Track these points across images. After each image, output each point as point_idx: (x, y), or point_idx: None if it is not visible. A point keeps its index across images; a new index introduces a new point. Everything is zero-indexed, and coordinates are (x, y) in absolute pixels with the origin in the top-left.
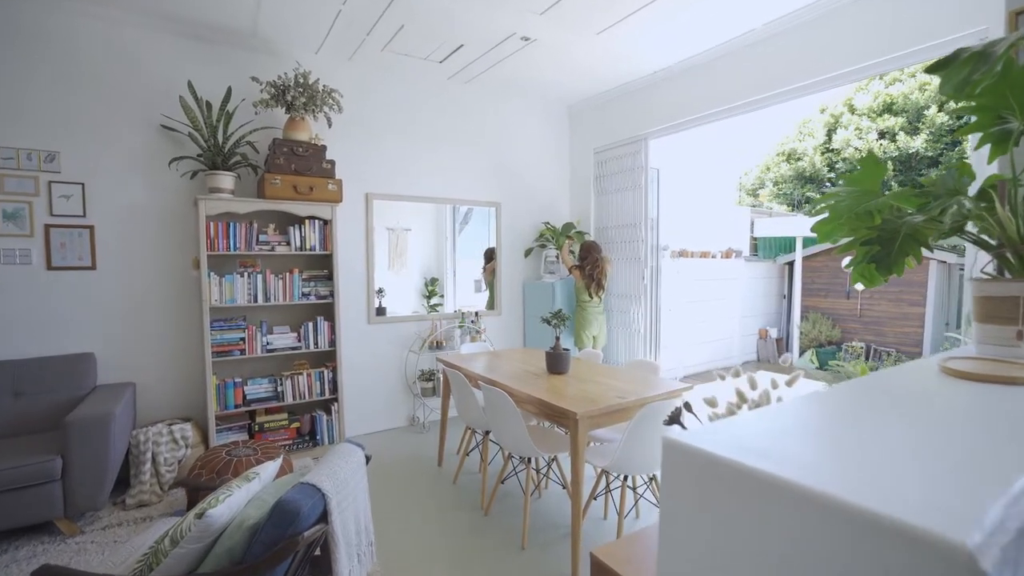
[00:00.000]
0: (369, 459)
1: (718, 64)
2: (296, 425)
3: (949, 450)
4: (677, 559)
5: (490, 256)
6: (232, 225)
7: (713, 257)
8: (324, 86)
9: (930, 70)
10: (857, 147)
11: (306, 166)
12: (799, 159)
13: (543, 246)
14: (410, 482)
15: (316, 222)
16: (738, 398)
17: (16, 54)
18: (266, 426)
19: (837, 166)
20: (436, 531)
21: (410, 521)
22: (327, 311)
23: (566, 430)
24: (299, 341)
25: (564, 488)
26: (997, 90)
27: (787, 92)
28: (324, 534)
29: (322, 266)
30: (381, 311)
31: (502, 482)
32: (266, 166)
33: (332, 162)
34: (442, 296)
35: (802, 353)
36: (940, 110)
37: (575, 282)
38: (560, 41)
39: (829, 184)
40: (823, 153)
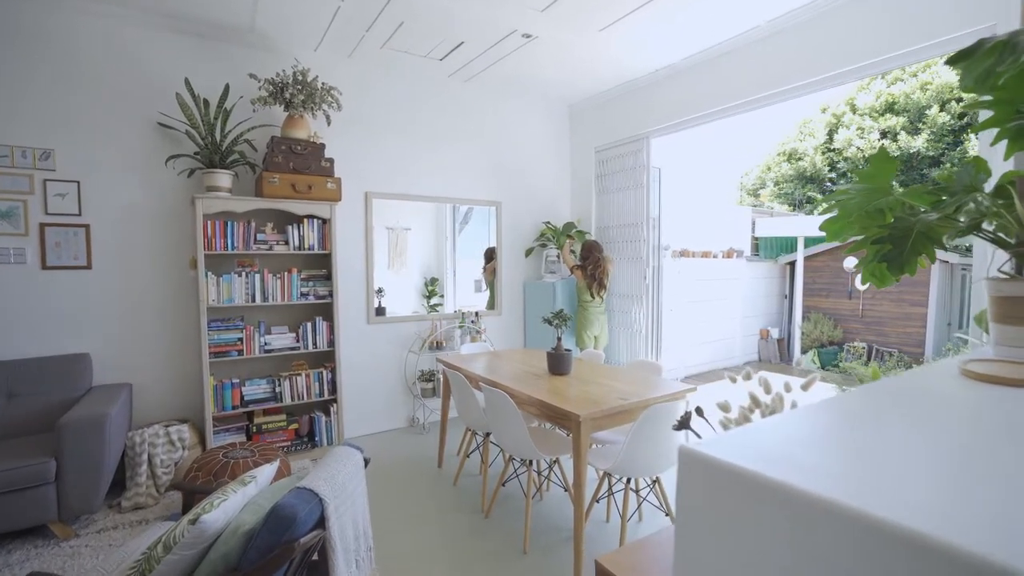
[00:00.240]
0: (368, 462)
1: (721, 62)
2: (294, 426)
3: (977, 460)
4: (694, 573)
5: (490, 256)
6: (230, 224)
7: (714, 257)
8: (323, 83)
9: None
10: (859, 147)
11: (305, 164)
12: (800, 159)
13: (544, 246)
14: (410, 484)
15: (315, 221)
16: (751, 403)
17: (11, 51)
18: (264, 427)
19: (838, 166)
20: (436, 534)
21: (409, 524)
22: (326, 311)
23: (568, 432)
24: (297, 341)
25: (566, 491)
26: (1019, 83)
27: (790, 90)
28: (321, 540)
29: (321, 266)
30: (381, 311)
31: (503, 484)
32: (264, 164)
33: (331, 160)
34: (442, 296)
35: (804, 353)
36: (942, 109)
37: (576, 282)
38: (561, 38)
39: (830, 184)
40: (824, 153)
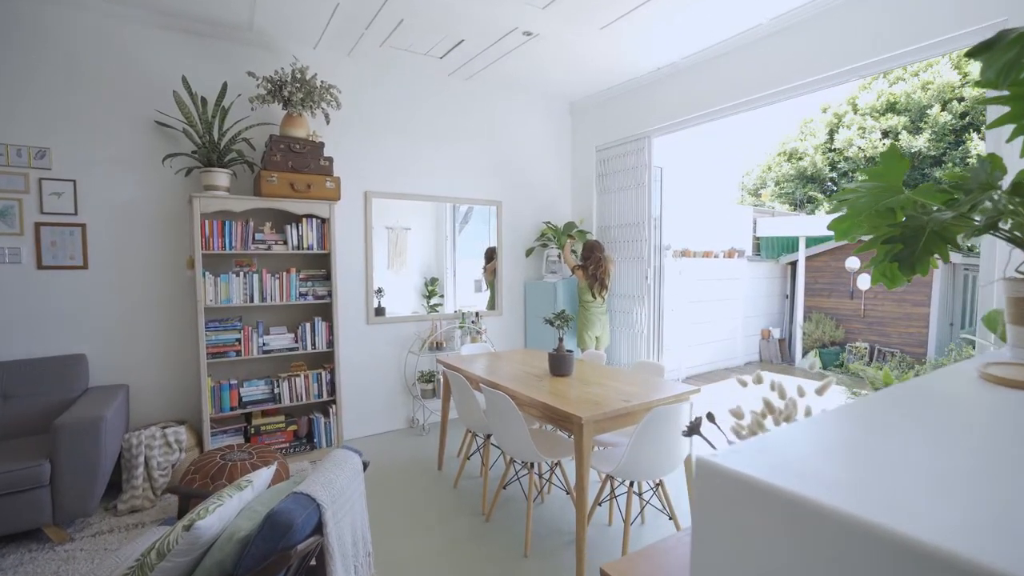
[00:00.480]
0: (367, 465)
1: (724, 60)
2: (293, 428)
3: (1009, 472)
4: None
5: (491, 256)
6: (228, 223)
7: (716, 257)
8: (322, 82)
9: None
10: (860, 146)
11: (303, 163)
12: (801, 159)
13: (544, 245)
14: (409, 486)
15: (314, 220)
16: (765, 409)
17: (7, 48)
18: (262, 429)
19: (839, 166)
20: (436, 538)
21: (409, 527)
22: (325, 311)
23: (569, 434)
24: (296, 342)
25: (567, 493)
26: None
27: (792, 89)
28: (319, 546)
29: (320, 265)
30: (380, 311)
31: (504, 487)
32: (262, 163)
33: (330, 159)
34: (442, 296)
35: (805, 354)
36: (943, 109)
37: (578, 282)
38: (563, 36)
39: (831, 184)
40: (825, 153)
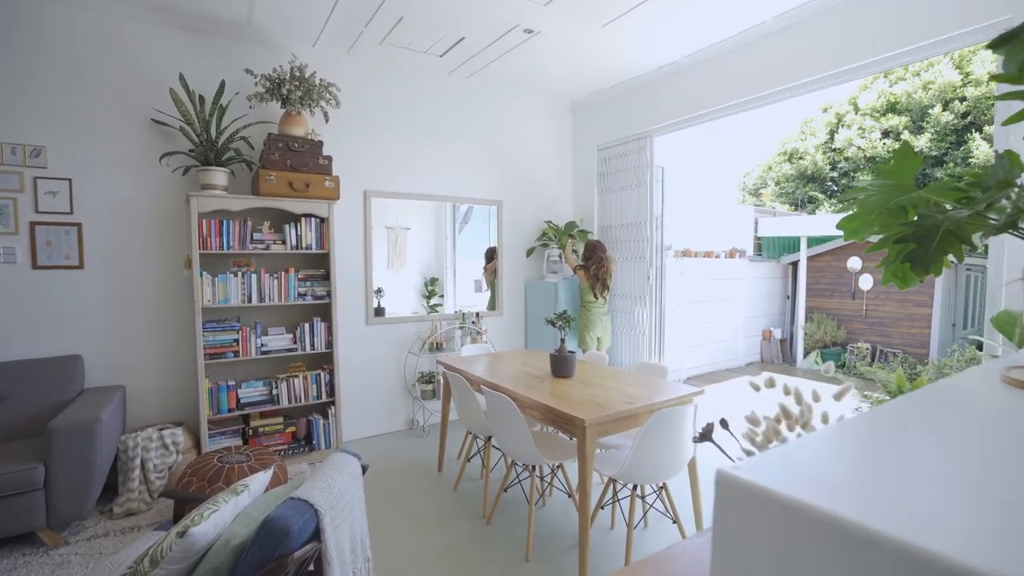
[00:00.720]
0: (365, 469)
1: (726, 58)
2: (292, 429)
3: None
4: None
5: (491, 255)
6: (225, 223)
7: (717, 257)
8: (321, 80)
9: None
10: (859, 146)
11: (302, 162)
12: (801, 158)
13: (545, 245)
14: (409, 489)
15: (312, 220)
16: (782, 415)
17: (1, 46)
18: (260, 431)
19: (839, 165)
20: (436, 542)
21: (409, 531)
22: (324, 312)
23: (571, 436)
24: (295, 343)
25: (569, 496)
26: None
27: (796, 87)
28: (317, 552)
29: (319, 265)
30: (380, 311)
31: (505, 490)
32: (261, 162)
33: (329, 158)
34: (442, 296)
35: (807, 354)
36: (945, 109)
37: (579, 282)
38: (564, 34)
39: (832, 183)
40: (825, 152)
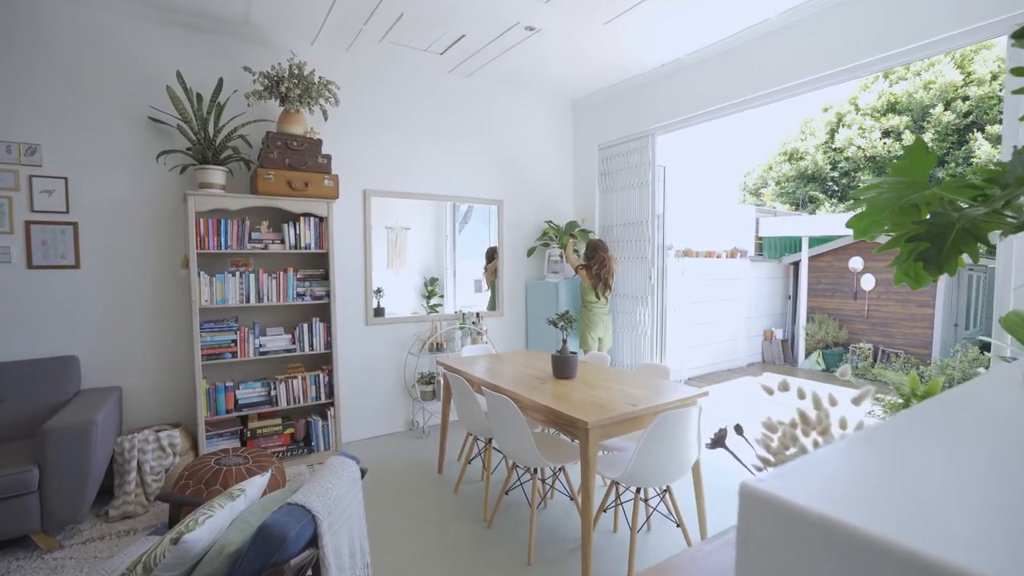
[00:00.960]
0: (364, 473)
1: (729, 56)
2: (290, 431)
3: None
4: None
5: (491, 255)
6: (223, 222)
7: (718, 257)
8: (320, 78)
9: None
10: (859, 145)
11: (301, 161)
12: (801, 158)
13: (546, 245)
14: (409, 491)
15: (311, 219)
16: (800, 421)
17: None
18: (259, 432)
19: (840, 165)
20: (436, 545)
21: (409, 534)
22: (323, 312)
23: (573, 438)
24: (294, 343)
25: (572, 499)
26: None
27: (799, 86)
28: (315, 559)
29: (318, 265)
30: (379, 312)
31: (506, 493)
32: (259, 160)
33: (328, 157)
34: (442, 296)
35: (808, 355)
36: (946, 109)
37: (581, 282)
38: (565, 31)
39: (832, 183)
40: (825, 152)
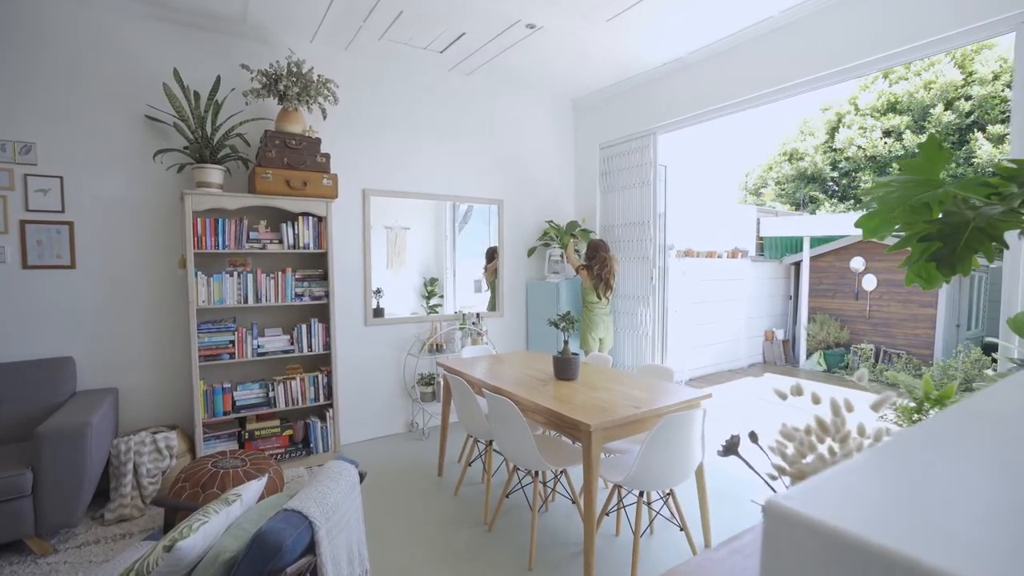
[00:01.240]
0: (363, 477)
1: (732, 55)
2: (289, 432)
3: None
4: None
5: (492, 255)
6: (221, 221)
7: (719, 257)
8: (319, 76)
9: None
10: (860, 145)
11: (299, 160)
12: (801, 158)
13: (547, 245)
14: (409, 494)
15: (310, 219)
16: (818, 429)
17: None
18: (257, 434)
19: (840, 165)
20: (436, 549)
21: (408, 537)
22: (322, 312)
23: (575, 440)
24: (292, 344)
25: (573, 502)
26: None
27: (803, 84)
28: (312, 566)
29: (316, 265)
30: (379, 312)
31: (507, 496)
32: (257, 159)
33: (327, 156)
34: (442, 297)
35: (809, 355)
36: (947, 108)
37: (582, 283)
38: (567, 29)
39: (832, 183)
40: (825, 152)
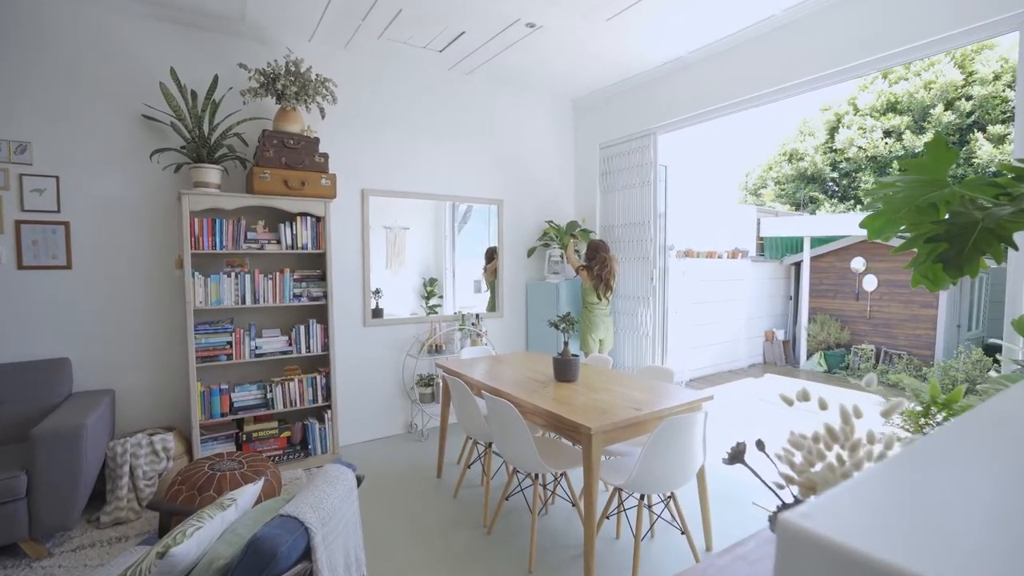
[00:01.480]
0: (361, 480)
1: (733, 54)
2: (287, 434)
3: None
4: None
5: (491, 256)
6: (218, 222)
7: (719, 257)
8: (317, 75)
9: None
10: (860, 146)
11: (298, 159)
12: (801, 159)
13: (547, 245)
14: (408, 496)
15: (308, 219)
16: (828, 437)
17: None
18: (255, 436)
19: (840, 166)
20: (435, 552)
21: (407, 540)
22: (320, 313)
23: (575, 442)
24: (290, 345)
25: (573, 505)
26: None
27: (805, 83)
28: (308, 572)
29: (315, 266)
30: (378, 313)
31: (506, 499)
32: (255, 159)
33: (325, 156)
34: (441, 297)
35: (810, 356)
36: (947, 108)
37: (582, 283)
38: (567, 28)
39: (832, 184)
40: (825, 153)
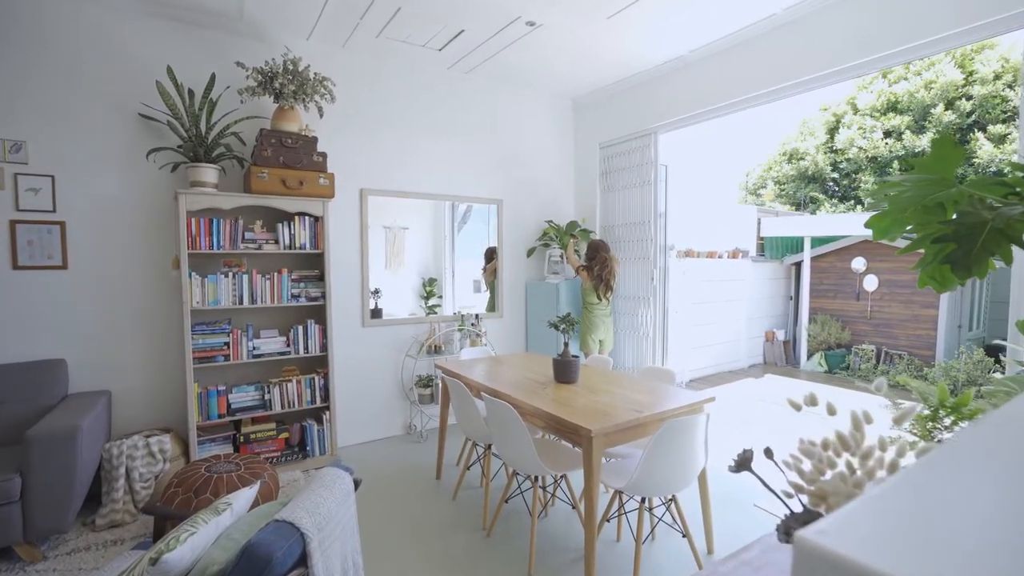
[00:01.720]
0: (359, 484)
1: (734, 53)
2: (284, 435)
3: None
4: None
5: (491, 256)
6: (215, 221)
7: (720, 257)
8: (315, 74)
9: None
10: (861, 146)
11: (296, 159)
12: (801, 158)
13: (547, 245)
14: (406, 497)
15: (306, 219)
16: (839, 444)
17: None
18: (252, 437)
19: (841, 166)
20: (434, 554)
21: (405, 543)
22: (318, 313)
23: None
24: (288, 346)
25: (573, 507)
26: None
27: (806, 82)
28: None
29: (313, 266)
30: (376, 313)
31: (506, 501)
32: (252, 158)
33: (324, 155)
34: (440, 297)
35: (810, 356)
36: (947, 108)
37: (582, 283)
38: (567, 27)
39: (833, 184)
40: (826, 153)
